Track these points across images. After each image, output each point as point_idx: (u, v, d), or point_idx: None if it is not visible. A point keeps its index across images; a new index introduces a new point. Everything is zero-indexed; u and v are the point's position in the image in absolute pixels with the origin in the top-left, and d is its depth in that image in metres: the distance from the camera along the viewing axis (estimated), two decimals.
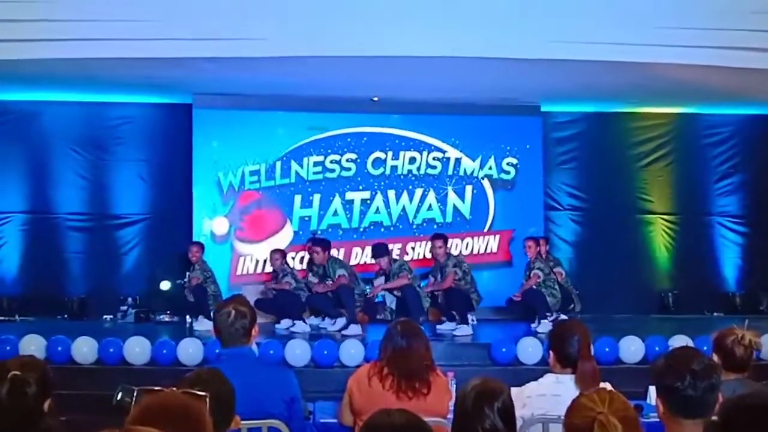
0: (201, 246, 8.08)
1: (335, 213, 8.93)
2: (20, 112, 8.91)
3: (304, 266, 8.37)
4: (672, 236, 9.87)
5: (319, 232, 8.54)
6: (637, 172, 9.87)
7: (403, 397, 3.09)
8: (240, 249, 8.72)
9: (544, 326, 7.36)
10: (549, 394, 2.97)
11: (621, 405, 1.72)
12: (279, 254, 8.07)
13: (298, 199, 8.85)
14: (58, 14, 6.26)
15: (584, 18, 6.79)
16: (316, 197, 8.88)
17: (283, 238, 8.71)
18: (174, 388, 1.62)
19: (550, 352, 3.07)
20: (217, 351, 3.03)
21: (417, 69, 7.34)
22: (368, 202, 8.99)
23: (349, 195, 8.96)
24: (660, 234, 9.86)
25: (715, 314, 9.24)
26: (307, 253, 8.21)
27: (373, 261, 7.95)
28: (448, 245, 7.87)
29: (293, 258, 8.49)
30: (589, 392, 1.79)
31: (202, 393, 1.56)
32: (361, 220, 8.97)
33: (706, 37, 6.85)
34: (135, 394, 1.75)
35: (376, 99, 8.89)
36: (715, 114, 9.87)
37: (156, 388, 1.66)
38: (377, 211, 9.00)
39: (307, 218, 8.88)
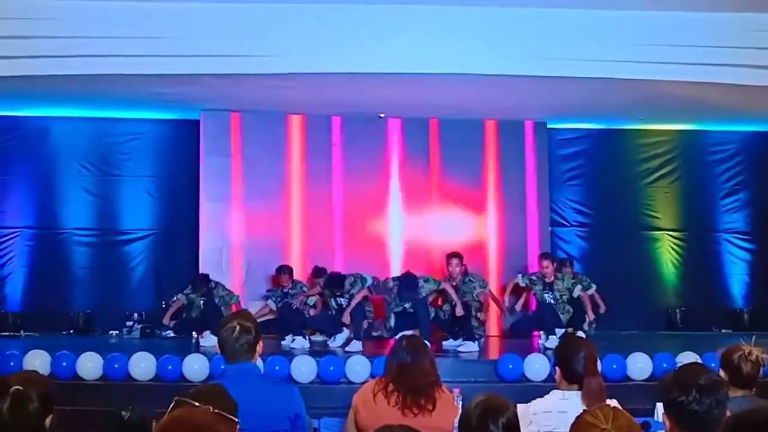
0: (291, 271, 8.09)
1: None
2: (29, 127, 8.98)
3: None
4: (679, 252, 9.84)
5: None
6: (643, 189, 9.87)
7: (408, 414, 3.07)
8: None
9: (552, 342, 7.32)
10: (555, 411, 2.95)
11: (625, 422, 1.71)
12: (287, 270, 8.04)
13: None
14: (66, 31, 6.31)
15: (589, 36, 6.83)
16: None
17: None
18: (209, 407, 1.61)
19: (556, 368, 3.05)
20: (222, 367, 3.02)
21: (423, 86, 7.37)
22: None
23: None
24: (667, 250, 9.83)
25: (723, 331, 9.19)
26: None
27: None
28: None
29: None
30: (593, 409, 1.78)
31: (236, 419, 1.55)
32: None
33: (710, 54, 6.87)
34: (151, 415, 1.74)
35: (382, 116, 8.91)
36: (720, 131, 9.88)
37: (195, 403, 1.65)
38: None
39: None
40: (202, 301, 7.95)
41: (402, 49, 6.66)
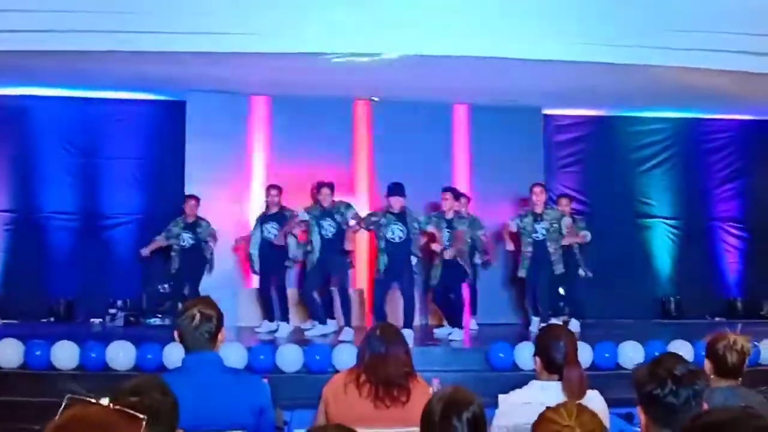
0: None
1: None
2: (8, 106, 8.71)
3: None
4: (674, 241, 9.76)
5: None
6: (639, 176, 9.76)
7: (381, 406, 2.94)
8: None
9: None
10: (534, 402, 2.81)
11: (588, 418, 1.59)
12: (276, 190, 7.70)
13: None
14: (43, 5, 6.11)
15: (585, 19, 6.66)
16: None
17: None
18: (110, 404, 1.46)
19: (536, 358, 2.93)
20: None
21: (417, 69, 7.19)
22: None
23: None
24: (661, 238, 9.74)
25: (716, 319, 9.09)
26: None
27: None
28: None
29: None
30: (557, 405, 1.66)
31: (141, 415, 1.39)
32: None
33: (707, 40, 6.72)
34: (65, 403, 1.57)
35: (375, 99, 8.74)
36: (716, 119, 9.79)
37: (91, 399, 1.49)
38: None
39: None
40: (188, 236, 7.75)
41: (394, 31, 6.49)
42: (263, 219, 7.72)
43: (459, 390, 2.16)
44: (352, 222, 7.33)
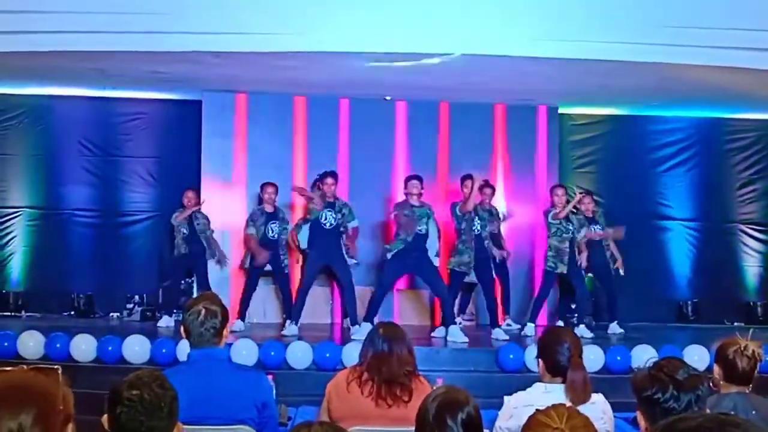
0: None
1: None
2: (31, 106, 8.90)
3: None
4: (692, 243, 9.62)
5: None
6: (657, 177, 9.62)
7: (383, 404, 2.95)
8: None
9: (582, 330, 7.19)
10: (537, 404, 2.80)
11: (580, 422, 1.58)
12: (273, 188, 7.64)
13: None
14: (64, 6, 6.20)
15: (603, 17, 6.59)
16: None
17: None
18: (24, 366, 1.48)
19: (539, 360, 2.92)
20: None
21: (432, 67, 7.16)
22: None
23: None
24: (680, 241, 9.62)
25: (735, 324, 8.96)
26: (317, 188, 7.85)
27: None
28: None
29: None
30: (548, 408, 1.65)
31: (55, 366, 1.43)
32: None
33: (729, 37, 6.60)
34: None
35: (388, 98, 8.74)
36: (739, 119, 9.60)
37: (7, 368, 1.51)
38: None
39: None
40: (183, 229, 7.81)
41: (410, 29, 6.46)
42: (267, 218, 7.65)
43: (453, 390, 2.15)
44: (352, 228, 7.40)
